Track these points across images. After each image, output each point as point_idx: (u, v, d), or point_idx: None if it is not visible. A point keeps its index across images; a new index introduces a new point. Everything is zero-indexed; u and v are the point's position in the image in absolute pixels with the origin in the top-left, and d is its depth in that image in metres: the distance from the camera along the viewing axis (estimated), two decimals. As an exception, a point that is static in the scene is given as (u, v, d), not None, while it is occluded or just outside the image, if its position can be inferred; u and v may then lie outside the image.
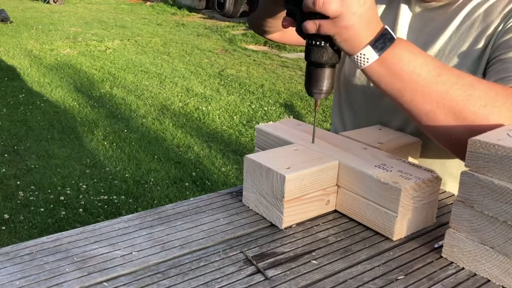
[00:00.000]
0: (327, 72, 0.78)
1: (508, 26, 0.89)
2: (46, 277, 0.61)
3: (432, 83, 0.75)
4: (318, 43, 0.76)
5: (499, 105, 0.74)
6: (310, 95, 0.80)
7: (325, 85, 0.78)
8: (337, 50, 0.77)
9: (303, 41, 0.79)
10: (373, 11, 0.74)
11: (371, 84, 1.04)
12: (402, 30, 1.03)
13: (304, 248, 0.71)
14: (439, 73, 0.75)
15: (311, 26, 0.73)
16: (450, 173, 1.01)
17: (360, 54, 0.74)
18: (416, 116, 0.78)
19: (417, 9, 1.03)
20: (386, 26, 0.75)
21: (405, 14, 1.04)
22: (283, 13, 0.99)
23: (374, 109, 1.07)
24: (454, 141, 0.78)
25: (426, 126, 0.79)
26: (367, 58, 0.75)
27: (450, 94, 0.75)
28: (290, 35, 1.12)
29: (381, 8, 1.09)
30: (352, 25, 0.71)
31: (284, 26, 0.82)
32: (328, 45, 0.75)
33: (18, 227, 2.75)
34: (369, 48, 0.74)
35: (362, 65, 0.76)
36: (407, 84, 0.76)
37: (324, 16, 0.71)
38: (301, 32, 0.78)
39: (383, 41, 0.74)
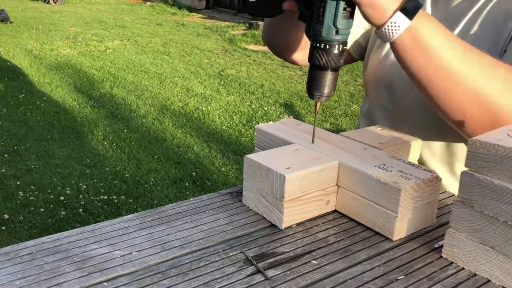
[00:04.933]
0: (329, 75, 0.78)
1: None
2: (46, 277, 0.61)
3: (457, 62, 0.76)
4: (322, 45, 0.76)
5: None
6: (311, 98, 0.80)
7: (327, 88, 0.79)
8: (340, 54, 0.77)
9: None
10: None
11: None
12: None
13: (304, 248, 0.71)
14: (463, 52, 0.76)
15: None
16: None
17: (390, 22, 0.74)
18: (434, 94, 0.79)
19: (435, 8, 1.01)
20: None
21: (432, 6, 1.02)
22: (298, 26, 0.98)
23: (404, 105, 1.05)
24: (466, 120, 0.80)
25: (443, 103, 0.80)
26: (398, 26, 0.74)
27: (472, 75, 0.76)
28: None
29: None
30: None
31: (286, 7, 0.83)
32: (331, 47, 0.76)
33: (18, 227, 2.75)
34: (399, 14, 0.73)
35: (392, 35, 0.75)
36: (433, 60, 0.76)
37: (350, 4, 0.73)
38: (309, 33, 0.78)
39: (413, 5, 0.73)
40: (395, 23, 0.74)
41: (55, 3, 12.81)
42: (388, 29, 0.75)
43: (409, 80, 0.84)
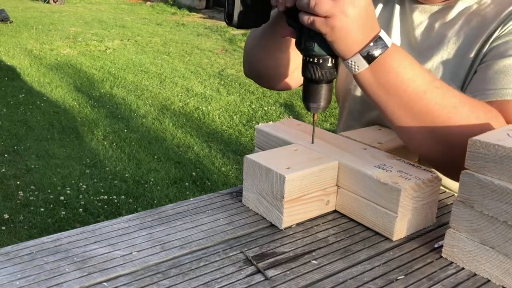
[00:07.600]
0: (324, 87, 0.78)
1: (503, 32, 0.88)
2: (46, 277, 0.61)
3: (416, 100, 0.76)
4: (315, 60, 0.76)
5: (477, 132, 0.75)
6: (308, 110, 0.81)
7: (322, 100, 0.79)
8: (334, 66, 0.77)
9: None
10: (369, 13, 0.73)
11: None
12: (395, 39, 1.02)
13: (304, 248, 0.71)
14: (425, 90, 0.76)
15: (305, 18, 0.72)
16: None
17: (351, 61, 0.75)
18: (395, 125, 0.81)
19: (412, 14, 1.01)
20: (381, 32, 0.75)
21: (401, 21, 1.03)
22: (284, 47, 0.98)
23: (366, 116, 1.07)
24: (425, 153, 0.83)
25: (401, 135, 0.83)
26: (357, 66, 0.75)
27: (431, 114, 0.77)
28: (296, 77, 1.08)
29: (378, 8, 1.07)
30: (342, 26, 0.71)
31: (282, 35, 0.83)
32: (324, 61, 0.76)
33: (18, 227, 2.75)
34: (358, 56, 0.74)
35: (353, 71, 0.77)
36: (392, 97, 0.77)
37: None
38: (299, 47, 0.78)
39: (374, 49, 0.74)
40: (354, 62, 0.75)
41: (55, 2, 12.80)
42: (349, 65, 0.76)
43: None
